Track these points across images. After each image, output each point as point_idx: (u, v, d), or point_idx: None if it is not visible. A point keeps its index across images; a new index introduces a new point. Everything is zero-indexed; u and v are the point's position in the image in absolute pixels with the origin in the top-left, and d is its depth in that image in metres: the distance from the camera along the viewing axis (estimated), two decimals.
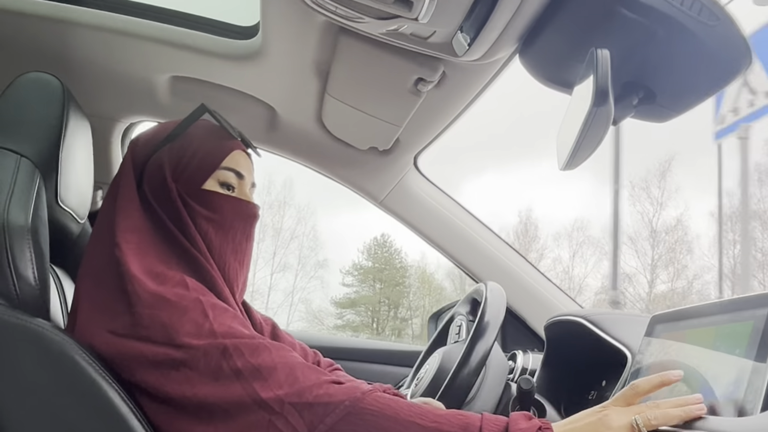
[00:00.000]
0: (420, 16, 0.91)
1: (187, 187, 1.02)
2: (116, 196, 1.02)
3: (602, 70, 0.79)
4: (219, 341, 0.86)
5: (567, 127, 0.90)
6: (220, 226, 1.03)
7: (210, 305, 0.90)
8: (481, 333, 1.06)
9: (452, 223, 1.74)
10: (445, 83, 1.24)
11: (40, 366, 0.87)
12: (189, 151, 1.03)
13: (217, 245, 1.02)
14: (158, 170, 1.02)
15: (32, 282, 0.93)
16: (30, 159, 0.99)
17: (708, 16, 0.81)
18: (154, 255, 0.96)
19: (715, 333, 0.93)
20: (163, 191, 1.01)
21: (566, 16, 0.90)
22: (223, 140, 1.06)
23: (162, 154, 1.03)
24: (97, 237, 1.01)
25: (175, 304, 0.89)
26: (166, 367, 0.86)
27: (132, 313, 0.89)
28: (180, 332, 0.87)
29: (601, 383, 1.30)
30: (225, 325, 0.88)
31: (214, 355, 0.85)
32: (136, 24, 1.39)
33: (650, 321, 1.09)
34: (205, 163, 1.03)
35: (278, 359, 0.87)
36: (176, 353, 0.86)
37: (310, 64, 1.31)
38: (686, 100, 0.95)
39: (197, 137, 1.05)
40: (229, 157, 1.05)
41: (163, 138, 1.05)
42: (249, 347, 0.86)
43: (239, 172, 1.06)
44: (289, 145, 1.67)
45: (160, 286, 0.91)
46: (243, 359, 0.85)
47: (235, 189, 1.05)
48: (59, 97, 1.06)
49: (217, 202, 1.03)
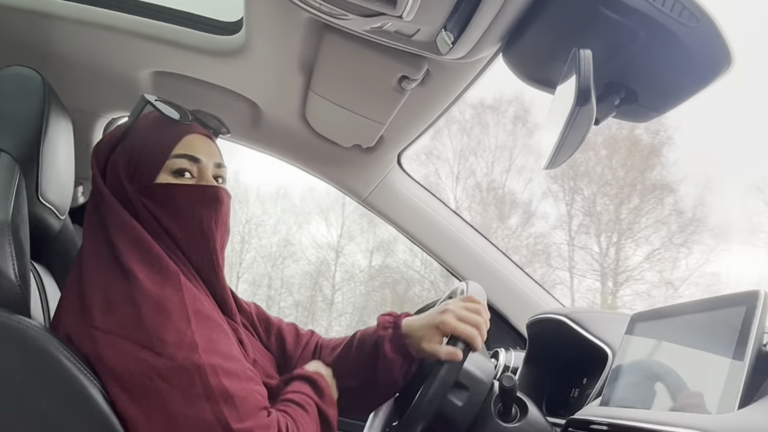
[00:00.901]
0: (404, 14, 0.91)
1: (140, 185, 1.00)
2: (98, 200, 1.01)
3: (584, 70, 0.80)
4: (196, 359, 0.86)
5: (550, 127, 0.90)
6: (181, 217, 1.00)
7: (194, 311, 0.90)
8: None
9: (435, 221, 1.74)
10: (429, 81, 1.25)
11: (21, 362, 0.86)
12: (137, 147, 1.01)
13: (183, 237, 1.00)
14: (114, 173, 1.01)
15: (12, 278, 0.92)
16: (10, 154, 0.98)
17: (688, 18, 0.81)
18: (150, 248, 0.96)
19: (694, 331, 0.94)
20: (122, 194, 0.99)
21: (549, 16, 0.90)
22: (171, 128, 1.03)
23: (116, 156, 1.02)
24: (90, 238, 1.00)
25: (161, 308, 0.89)
26: (142, 372, 0.86)
27: (121, 311, 0.89)
28: (162, 339, 0.86)
29: (582, 380, 1.32)
30: (205, 336, 0.88)
31: (189, 373, 0.85)
32: (118, 18, 1.37)
33: (631, 319, 1.10)
34: (153, 157, 1.00)
35: (247, 390, 0.88)
36: (156, 361, 0.86)
37: (294, 61, 1.30)
38: (668, 101, 0.96)
39: (143, 131, 1.02)
40: (181, 144, 1.01)
41: (116, 139, 1.03)
42: (224, 371, 0.87)
43: (193, 156, 1.02)
44: (272, 142, 1.66)
45: (153, 283, 0.91)
46: (217, 381, 0.85)
47: (194, 174, 1.02)
48: (40, 91, 1.05)
49: (172, 194, 1.00)
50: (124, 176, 1.00)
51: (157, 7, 1.39)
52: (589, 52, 0.81)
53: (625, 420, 0.92)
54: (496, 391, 1.13)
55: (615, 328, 1.19)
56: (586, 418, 1.03)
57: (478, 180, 9.29)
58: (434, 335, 1.05)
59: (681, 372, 0.93)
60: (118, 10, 1.37)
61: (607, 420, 0.96)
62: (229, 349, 0.91)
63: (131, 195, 0.99)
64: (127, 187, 0.99)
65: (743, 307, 0.83)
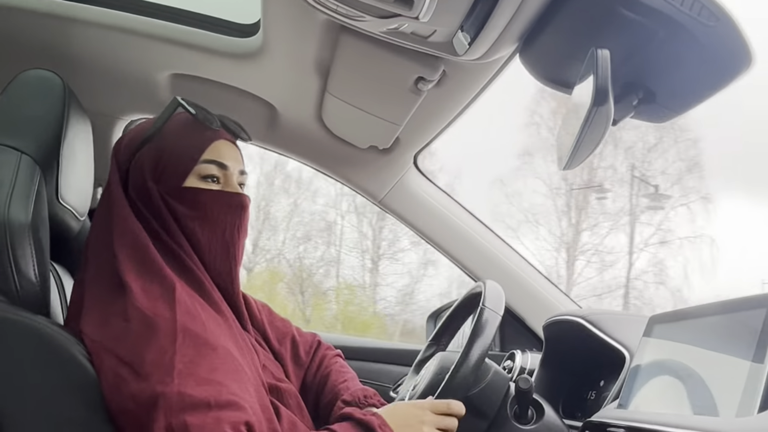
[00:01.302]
0: (420, 15, 0.91)
1: (167, 187, 1.00)
2: (109, 202, 1.01)
3: (602, 70, 0.79)
4: (167, 387, 0.82)
5: (567, 127, 0.90)
6: (206, 222, 1.00)
7: (183, 329, 0.87)
8: (479, 332, 1.06)
9: (452, 222, 1.74)
10: (445, 82, 1.25)
11: (41, 362, 0.87)
12: (166, 149, 1.01)
13: (206, 243, 1.00)
14: (139, 173, 1.01)
15: (33, 279, 0.93)
16: (31, 156, 0.99)
17: (708, 17, 0.81)
18: (146, 263, 0.95)
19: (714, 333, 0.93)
20: (146, 194, 1.00)
21: (567, 15, 0.90)
22: (201, 132, 1.03)
23: (141, 156, 1.01)
24: (95, 241, 1.00)
25: (149, 322, 0.87)
26: (119, 390, 0.85)
27: (114, 325, 0.89)
28: (142, 357, 0.85)
29: (599, 383, 1.31)
30: (187, 357, 0.85)
31: (156, 401, 0.82)
32: (137, 21, 1.39)
33: (649, 321, 1.09)
34: (183, 160, 1.01)
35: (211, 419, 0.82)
36: (132, 382, 0.84)
37: (310, 63, 1.31)
38: (687, 101, 0.95)
39: (173, 133, 1.02)
40: (210, 149, 1.02)
41: (142, 139, 1.02)
42: (192, 401, 0.82)
43: (222, 163, 1.02)
44: (289, 143, 1.67)
45: (145, 297, 0.90)
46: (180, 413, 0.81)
47: (220, 180, 1.02)
48: (60, 94, 1.06)
49: (200, 199, 1.00)
50: (150, 177, 1.00)
51: (176, 10, 1.41)
52: (606, 51, 0.80)
53: (643, 423, 0.91)
54: (512, 393, 1.13)
55: (632, 329, 1.18)
56: (603, 420, 1.02)
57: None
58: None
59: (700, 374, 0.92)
60: (137, 13, 1.39)
61: (625, 423, 0.95)
62: (210, 373, 0.85)
63: (155, 196, 0.99)
64: (151, 188, 0.99)
65: (764, 309, 0.82)
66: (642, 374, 1.04)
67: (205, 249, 1.01)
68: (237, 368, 0.90)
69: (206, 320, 0.92)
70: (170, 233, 0.99)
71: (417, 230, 1.76)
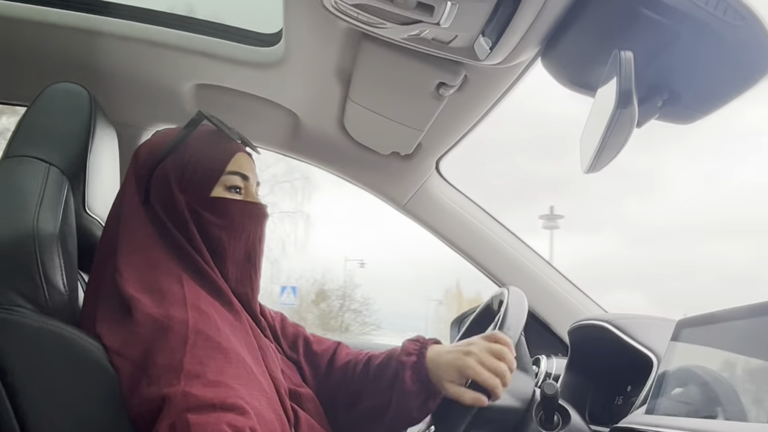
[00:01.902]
0: (441, 21, 0.91)
1: (195, 197, 1.01)
2: (120, 215, 1.02)
3: (626, 72, 0.78)
4: (174, 389, 0.82)
5: (590, 130, 0.89)
6: (232, 231, 1.02)
7: (194, 330, 0.88)
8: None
9: (475, 228, 1.74)
10: (467, 87, 1.24)
11: (69, 369, 0.88)
12: (192, 159, 1.02)
13: (231, 251, 1.02)
14: (164, 183, 1.01)
15: (61, 288, 0.94)
16: (58, 167, 1.01)
17: (733, 16, 0.80)
18: (158, 271, 0.96)
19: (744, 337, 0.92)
20: (172, 204, 1.01)
21: (589, 18, 0.89)
22: (225, 144, 1.06)
23: (166, 166, 1.02)
24: (101, 253, 1.01)
25: (161, 326, 0.88)
26: (134, 392, 0.86)
27: (124, 331, 0.90)
28: (155, 360, 0.85)
29: (626, 388, 1.29)
30: (197, 359, 0.85)
31: (162, 405, 0.82)
32: (161, 33, 1.41)
33: (677, 325, 1.08)
34: (210, 171, 1.03)
35: (213, 419, 0.81)
36: (145, 385, 0.84)
37: (332, 70, 1.32)
38: (713, 101, 0.93)
39: (199, 144, 1.04)
40: (233, 161, 1.04)
41: (165, 149, 1.03)
42: (198, 402, 0.82)
43: (244, 174, 1.05)
44: (311, 151, 1.68)
45: (155, 305, 0.91)
46: (184, 415, 0.80)
47: (242, 191, 1.05)
48: (86, 106, 1.08)
49: (227, 208, 1.02)
50: (176, 187, 1.01)
51: (198, 21, 1.42)
52: (630, 53, 0.79)
53: (671, 429, 0.90)
54: (537, 398, 1.12)
55: (660, 334, 1.16)
56: (630, 426, 1.01)
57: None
58: (457, 377, 1.02)
59: (730, 379, 0.90)
60: (160, 25, 1.41)
61: (653, 429, 0.94)
62: (218, 375, 0.85)
63: (181, 205, 1.00)
64: (178, 198, 1.01)
65: None
66: (670, 379, 1.03)
67: (229, 257, 1.02)
68: (247, 373, 0.90)
69: (221, 324, 0.93)
70: (192, 242, 1.00)
71: (440, 236, 1.76)
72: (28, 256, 0.91)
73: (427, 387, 1.04)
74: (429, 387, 1.04)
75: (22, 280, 0.90)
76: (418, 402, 1.04)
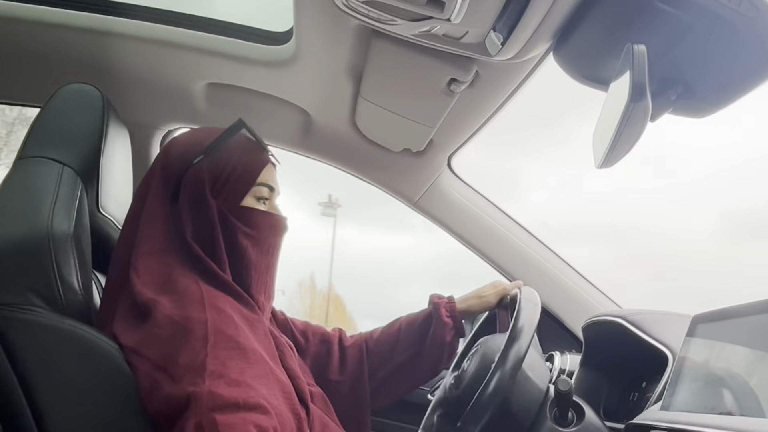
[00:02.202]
0: (452, 17, 0.91)
1: (227, 203, 1.02)
2: (141, 212, 1.02)
3: (639, 66, 0.78)
4: (198, 388, 0.83)
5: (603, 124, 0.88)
6: (257, 241, 1.04)
7: (214, 330, 0.88)
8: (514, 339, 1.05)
9: (487, 224, 1.73)
10: (478, 83, 1.24)
11: (84, 367, 0.89)
12: (228, 166, 1.03)
13: (255, 260, 1.03)
14: (197, 185, 1.02)
15: (76, 288, 0.95)
16: (72, 168, 1.02)
17: (748, 8, 0.79)
18: (176, 276, 0.96)
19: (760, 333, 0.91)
20: (202, 206, 1.01)
21: (601, 11, 0.88)
22: (258, 155, 1.07)
23: (201, 168, 1.02)
24: (119, 252, 1.02)
25: (181, 327, 0.88)
26: (155, 390, 0.86)
27: (143, 331, 0.90)
28: (177, 360, 0.86)
29: (641, 384, 1.28)
30: (219, 360, 0.86)
31: (189, 403, 0.83)
32: (172, 33, 1.41)
33: (692, 321, 1.07)
34: (243, 179, 1.04)
35: (239, 419, 0.82)
36: (167, 385, 0.85)
37: (343, 68, 1.32)
38: (727, 94, 0.92)
39: (235, 152, 1.05)
40: (264, 172, 1.06)
41: (200, 151, 1.04)
42: (223, 401, 0.82)
43: (272, 186, 1.07)
44: (323, 148, 1.68)
45: (174, 306, 0.91)
46: (211, 413, 0.81)
47: (266, 203, 1.06)
48: (99, 106, 1.08)
49: (256, 219, 1.04)
50: (209, 191, 1.02)
51: (210, 20, 1.43)
52: (643, 47, 0.78)
53: (687, 425, 0.89)
54: (551, 395, 1.11)
55: (675, 329, 1.15)
56: (646, 422, 1.00)
57: None
58: (490, 293, 1.27)
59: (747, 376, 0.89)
60: (172, 25, 1.41)
61: (669, 425, 0.93)
62: (240, 375, 0.86)
63: (213, 210, 1.01)
64: (210, 203, 1.01)
65: None
66: (685, 375, 1.02)
67: (253, 266, 1.03)
68: (267, 372, 0.91)
69: (240, 322, 0.93)
70: (214, 248, 1.01)
71: (452, 232, 1.76)
72: (43, 256, 0.91)
73: (458, 323, 1.26)
74: (459, 324, 1.26)
75: (38, 280, 0.91)
76: (450, 336, 1.25)
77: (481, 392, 1.01)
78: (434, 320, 1.24)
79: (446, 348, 1.24)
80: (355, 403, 1.20)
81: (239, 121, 1.06)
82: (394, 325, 1.29)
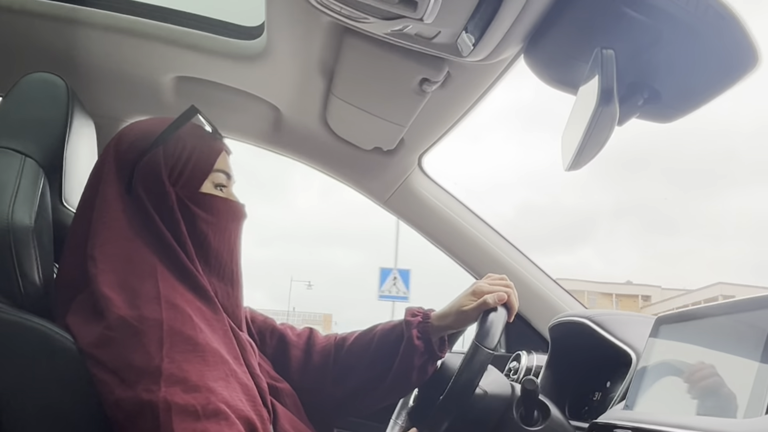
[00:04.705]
0: (425, 17, 0.91)
1: (185, 190, 1.01)
2: (95, 202, 0.99)
3: (607, 70, 0.79)
4: (153, 394, 0.81)
5: (572, 128, 0.89)
6: (216, 228, 1.03)
7: (170, 332, 0.86)
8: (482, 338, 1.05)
9: (456, 224, 1.74)
10: (449, 83, 1.24)
11: (43, 363, 0.88)
12: (184, 153, 1.02)
13: (215, 248, 1.02)
14: (153, 174, 1.00)
15: (37, 282, 0.93)
16: (34, 159, 0.99)
17: (714, 16, 0.80)
18: (134, 266, 0.94)
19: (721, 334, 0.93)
20: (160, 195, 1.00)
21: (571, 15, 0.89)
22: (213, 142, 1.07)
23: (155, 156, 1.01)
24: (72, 246, 0.99)
25: (134, 329, 0.86)
26: (105, 393, 0.85)
27: (96, 332, 0.88)
28: (130, 364, 0.84)
29: (605, 384, 1.30)
30: (176, 363, 0.84)
31: (143, 410, 0.82)
32: (140, 24, 1.39)
33: (655, 322, 1.09)
34: (200, 166, 1.03)
35: (199, 429, 0.81)
36: (119, 390, 0.84)
37: (314, 65, 1.31)
38: (693, 100, 0.94)
39: (191, 139, 1.04)
40: (220, 158, 1.06)
41: (153, 140, 1.01)
42: (179, 408, 0.81)
43: (228, 173, 1.07)
44: (293, 145, 1.67)
45: (128, 305, 0.89)
46: (168, 421, 0.80)
47: (224, 190, 1.06)
48: (64, 97, 1.06)
49: (214, 205, 1.03)
50: (166, 178, 1.00)
51: (180, 12, 1.41)
52: (611, 52, 0.80)
53: (649, 424, 0.91)
54: (517, 394, 1.12)
55: (639, 330, 1.17)
56: (609, 422, 1.01)
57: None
58: (470, 301, 1.12)
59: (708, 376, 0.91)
60: (141, 16, 1.39)
61: (632, 424, 0.94)
62: (199, 378, 0.85)
63: (171, 198, 1.00)
64: (168, 190, 1.00)
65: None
66: (648, 375, 1.04)
67: (214, 254, 1.02)
68: (228, 373, 0.89)
69: (198, 321, 0.91)
70: (178, 236, 0.99)
71: (422, 231, 1.76)
72: (3, 250, 0.89)
73: (430, 347, 1.13)
74: (431, 348, 1.14)
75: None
76: (420, 360, 1.13)
77: (447, 393, 1.02)
78: (404, 342, 1.13)
79: (415, 372, 1.13)
80: (320, 407, 1.14)
81: (192, 107, 1.05)
82: (368, 334, 1.19)
